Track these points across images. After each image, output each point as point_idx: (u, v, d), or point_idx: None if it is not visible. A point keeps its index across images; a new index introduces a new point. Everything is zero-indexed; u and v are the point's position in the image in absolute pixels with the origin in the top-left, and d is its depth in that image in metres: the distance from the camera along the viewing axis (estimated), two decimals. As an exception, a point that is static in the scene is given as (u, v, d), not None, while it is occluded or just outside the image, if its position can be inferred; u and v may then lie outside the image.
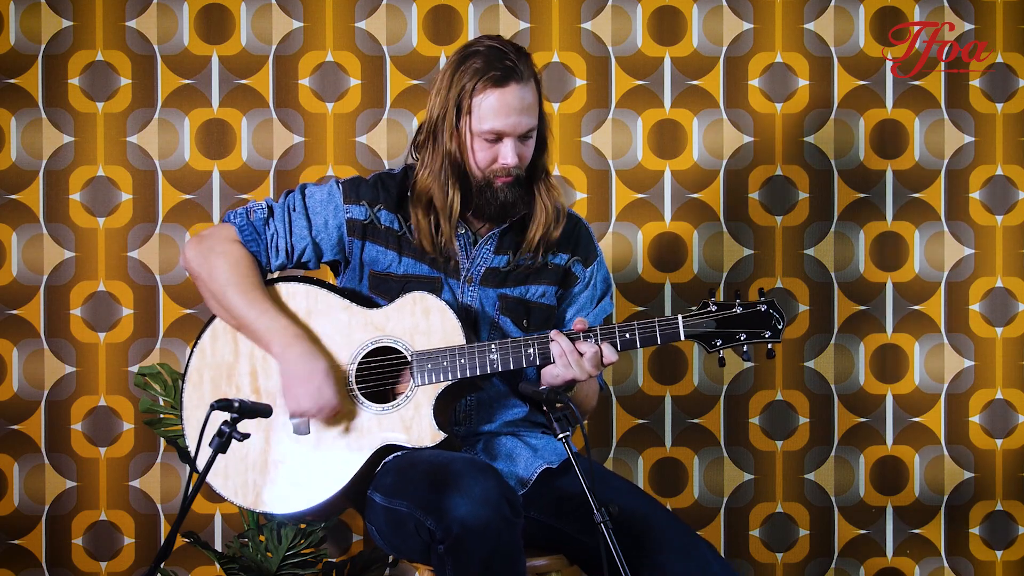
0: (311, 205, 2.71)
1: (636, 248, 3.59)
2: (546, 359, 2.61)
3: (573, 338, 2.59)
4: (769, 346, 2.62)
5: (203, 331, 2.71)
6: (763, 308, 2.61)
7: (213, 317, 2.72)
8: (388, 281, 2.70)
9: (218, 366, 2.68)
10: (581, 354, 2.57)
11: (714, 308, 2.60)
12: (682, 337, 2.60)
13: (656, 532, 2.55)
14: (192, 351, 2.70)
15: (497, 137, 2.63)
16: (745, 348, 2.61)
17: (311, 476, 2.63)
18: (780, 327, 2.61)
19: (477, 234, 2.73)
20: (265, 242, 2.70)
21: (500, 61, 2.63)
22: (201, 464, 2.56)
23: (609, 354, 2.59)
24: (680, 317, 2.60)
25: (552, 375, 2.61)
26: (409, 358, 2.63)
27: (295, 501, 2.63)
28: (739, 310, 2.60)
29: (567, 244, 2.78)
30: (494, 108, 2.61)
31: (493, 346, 2.61)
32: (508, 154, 2.64)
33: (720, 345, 2.61)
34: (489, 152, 2.64)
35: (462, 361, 2.60)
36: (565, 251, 2.78)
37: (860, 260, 3.64)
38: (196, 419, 2.66)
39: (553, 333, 2.59)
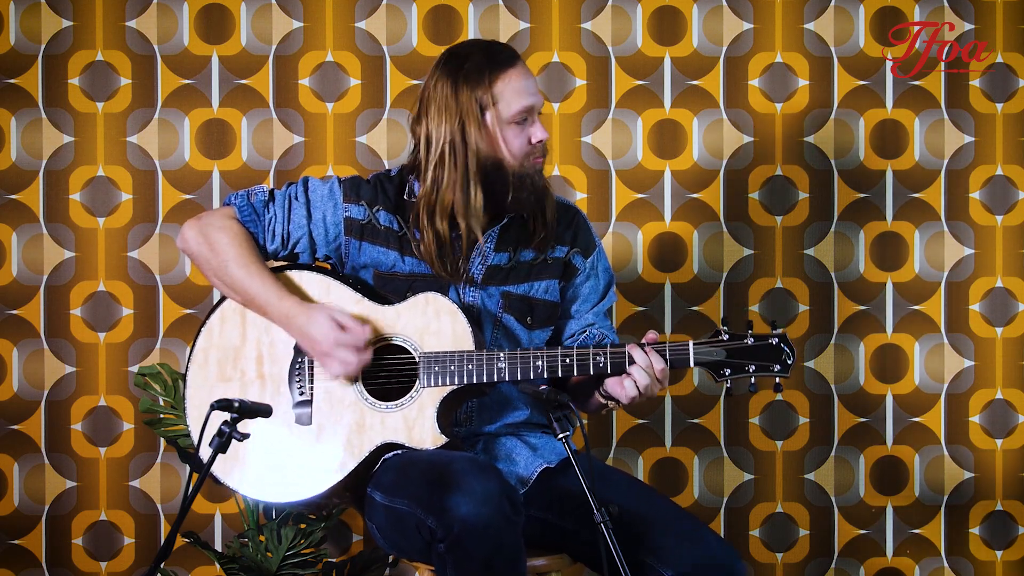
0: (312, 198, 2.72)
1: (636, 248, 3.59)
2: (553, 372, 2.60)
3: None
4: (777, 380, 2.61)
5: (212, 312, 2.70)
6: (774, 342, 2.60)
7: (223, 299, 2.72)
8: (394, 280, 2.70)
9: (225, 348, 2.68)
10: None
11: (725, 337, 2.59)
12: (691, 364, 2.59)
13: (659, 519, 2.55)
14: (199, 331, 2.70)
15: (525, 117, 2.64)
16: (752, 380, 2.61)
17: (310, 468, 2.63)
18: (790, 362, 2.60)
19: (475, 234, 2.72)
20: (263, 224, 2.70)
21: (494, 47, 2.68)
22: (203, 455, 2.57)
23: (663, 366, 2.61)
24: (691, 344, 2.60)
25: (624, 393, 2.60)
26: (417, 359, 2.63)
27: (293, 491, 2.63)
28: (751, 341, 2.60)
29: (566, 236, 2.79)
30: (517, 87, 2.63)
31: (502, 355, 2.60)
32: (540, 129, 2.66)
33: (728, 375, 2.60)
34: (523, 136, 2.65)
35: (469, 367, 2.60)
36: (564, 243, 2.78)
37: (860, 260, 3.64)
38: (199, 400, 2.67)
39: (631, 348, 2.58)
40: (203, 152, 3.53)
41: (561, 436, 2.41)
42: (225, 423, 2.34)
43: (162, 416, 3.33)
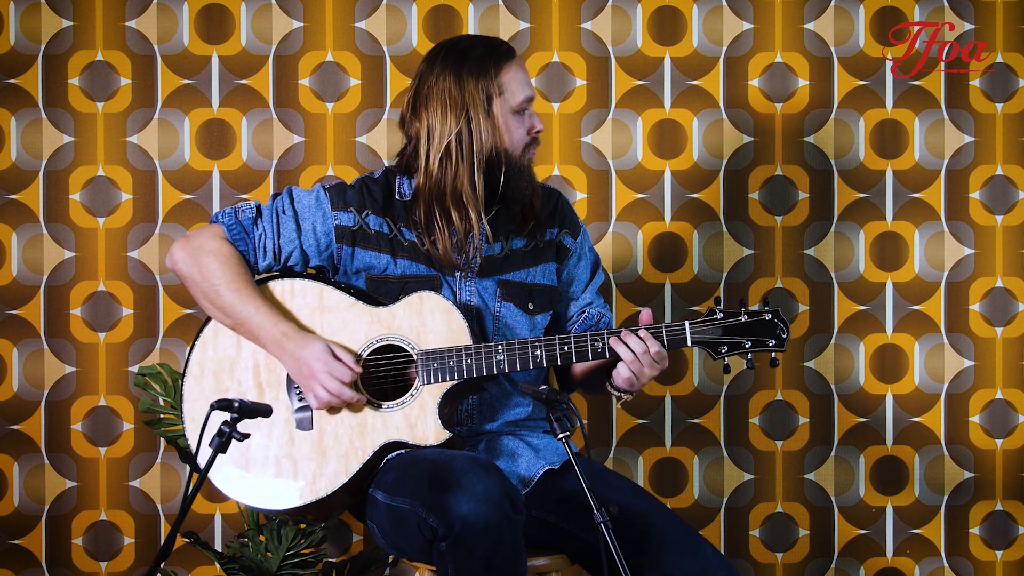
0: (300, 210, 2.71)
1: (636, 248, 3.59)
2: (552, 360, 2.61)
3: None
4: (773, 355, 2.63)
5: (205, 324, 2.71)
6: (768, 317, 2.63)
7: None
8: (387, 283, 2.70)
9: (220, 360, 2.68)
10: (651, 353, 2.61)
11: (720, 316, 2.62)
12: (688, 343, 2.62)
13: (658, 530, 2.56)
14: (193, 344, 2.70)
15: (525, 108, 2.68)
16: (749, 356, 2.63)
17: (313, 472, 2.63)
18: (784, 336, 2.63)
19: (483, 224, 2.72)
20: (253, 242, 2.70)
21: (492, 40, 2.72)
22: (201, 461, 2.57)
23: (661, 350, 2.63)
24: (687, 324, 2.62)
25: (624, 379, 2.63)
26: (415, 357, 2.63)
27: (296, 497, 2.63)
28: (744, 318, 2.62)
29: (552, 219, 2.80)
30: (520, 79, 2.68)
31: (500, 347, 2.61)
32: (538, 120, 2.71)
33: (726, 352, 2.62)
34: (523, 126, 2.68)
35: (468, 361, 2.61)
36: (552, 226, 2.80)
37: (860, 260, 3.64)
38: (196, 413, 2.67)
39: (622, 334, 2.60)
40: (203, 152, 3.53)
41: (561, 436, 2.41)
42: (225, 423, 2.34)
43: (162, 416, 3.33)
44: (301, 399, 2.65)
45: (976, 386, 3.66)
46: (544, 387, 2.45)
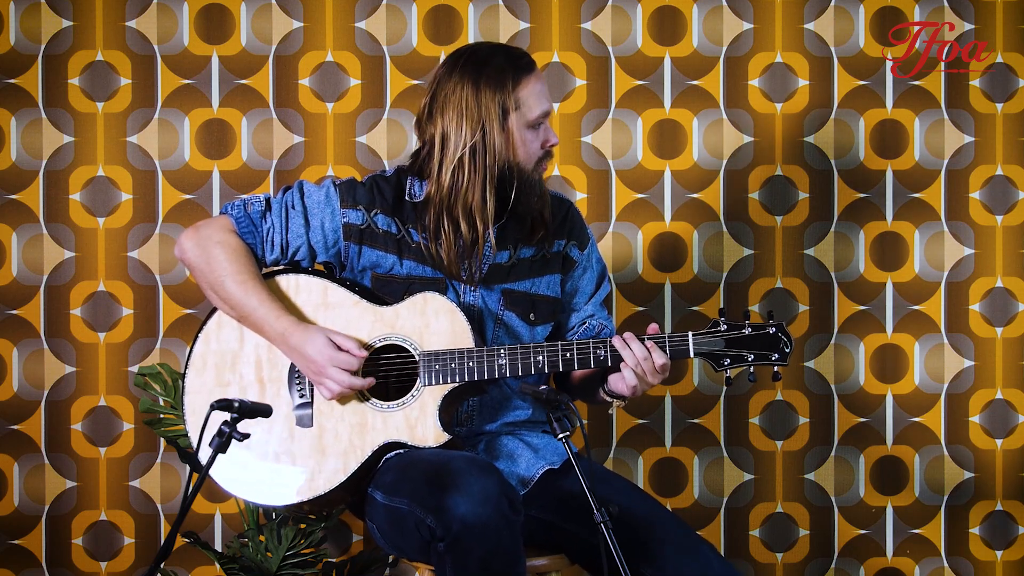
0: (309, 205, 2.71)
1: (636, 248, 3.59)
2: (554, 366, 2.61)
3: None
4: (775, 369, 2.63)
5: (209, 317, 2.71)
6: (772, 331, 2.62)
7: None
8: (392, 283, 2.70)
9: (222, 353, 2.68)
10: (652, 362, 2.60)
11: (724, 328, 2.61)
12: (691, 354, 2.61)
13: (658, 531, 2.56)
14: (197, 336, 2.70)
15: (541, 122, 2.67)
16: (751, 369, 2.62)
17: (313, 470, 2.63)
18: (788, 350, 2.63)
19: (489, 236, 2.72)
20: (261, 235, 2.70)
21: (513, 51, 2.69)
22: (202, 456, 2.57)
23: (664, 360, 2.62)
24: (690, 335, 2.61)
25: (625, 385, 2.63)
26: (417, 358, 2.63)
27: (294, 493, 2.63)
28: (748, 331, 2.61)
29: (561, 230, 2.79)
30: (538, 92, 2.66)
31: (502, 351, 2.61)
32: (553, 134, 2.70)
33: (728, 365, 2.61)
34: (538, 140, 2.67)
35: (470, 364, 2.61)
36: (560, 237, 2.80)
37: (860, 260, 3.64)
38: (197, 405, 2.67)
39: (627, 336, 2.59)
40: (203, 152, 3.53)
41: (561, 436, 2.41)
42: (225, 423, 2.34)
43: (162, 416, 3.33)
44: (302, 395, 2.66)
45: (976, 386, 3.66)
46: (544, 387, 2.45)
